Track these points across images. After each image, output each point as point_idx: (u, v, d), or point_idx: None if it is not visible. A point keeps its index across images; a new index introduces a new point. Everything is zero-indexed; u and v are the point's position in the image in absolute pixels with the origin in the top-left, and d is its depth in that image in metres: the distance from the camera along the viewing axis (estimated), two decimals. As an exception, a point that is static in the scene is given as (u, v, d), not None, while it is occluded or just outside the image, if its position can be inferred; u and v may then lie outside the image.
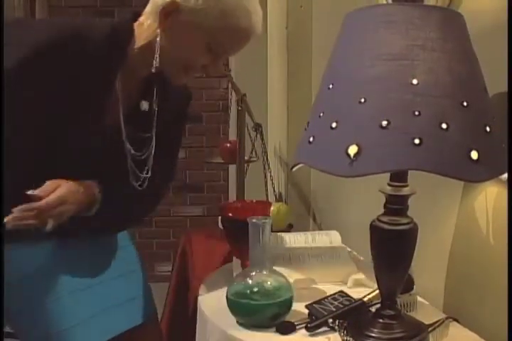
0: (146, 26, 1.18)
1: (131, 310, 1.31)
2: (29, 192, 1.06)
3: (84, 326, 1.22)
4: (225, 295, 1.10)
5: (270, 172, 2.12)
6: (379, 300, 1.01)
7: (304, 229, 1.96)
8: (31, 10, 3.40)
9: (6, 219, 1.03)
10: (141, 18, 1.19)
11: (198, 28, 1.15)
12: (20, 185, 1.05)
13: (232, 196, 3.13)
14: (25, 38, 1.11)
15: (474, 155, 0.81)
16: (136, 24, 1.20)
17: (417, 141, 0.80)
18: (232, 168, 2.94)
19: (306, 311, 1.11)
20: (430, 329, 1.01)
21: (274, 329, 1.05)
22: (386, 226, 0.93)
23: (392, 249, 0.94)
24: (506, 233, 0.95)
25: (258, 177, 2.25)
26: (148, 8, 1.19)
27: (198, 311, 1.23)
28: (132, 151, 1.24)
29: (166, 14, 1.15)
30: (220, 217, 1.49)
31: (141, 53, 1.18)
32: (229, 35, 1.18)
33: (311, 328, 1.04)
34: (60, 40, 1.11)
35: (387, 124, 0.81)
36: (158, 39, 1.15)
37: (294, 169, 0.99)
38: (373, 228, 0.95)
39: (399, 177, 0.92)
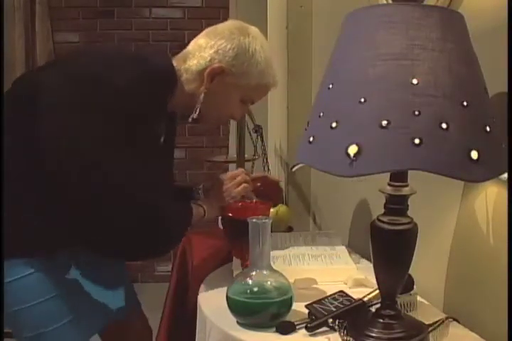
0: (187, 81, 1.30)
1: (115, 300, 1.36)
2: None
3: (74, 323, 1.26)
4: (225, 295, 1.10)
5: (270, 174, 2.12)
6: (379, 300, 1.01)
7: (304, 229, 1.96)
8: (31, 10, 3.40)
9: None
10: (180, 71, 1.30)
11: (238, 87, 1.31)
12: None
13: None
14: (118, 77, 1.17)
15: (474, 155, 0.81)
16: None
17: (417, 141, 0.80)
18: (232, 168, 2.94)
19: (306, 311, 1.11)
20: (430, 329, 1.01)
21: (274, 329, 1.05)
22: (386, 226, 0.93)
23: (392, 249, 0.94)
24: (506, 233, 0.95)
25: (258, 177, 2.25)
26: (193, 67, 1.30)
27: (198, 311, 1.23)
28: None
29: (212, 77, 1.28)
30: (220, 217, 1.49)
31: (178, 100, 1.30)
32: (260, 90, 1.36)
33: (311, 328, 1.04)
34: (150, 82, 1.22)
35: (387, 124, 0.81)
36: (201, 97, 1.30)
37: (294, 169, 0.99)
38: (373, 228, 0.95)
39: (399, 177, 0.92)
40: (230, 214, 1.38)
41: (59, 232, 1.18)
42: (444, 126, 0.81)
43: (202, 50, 1.29)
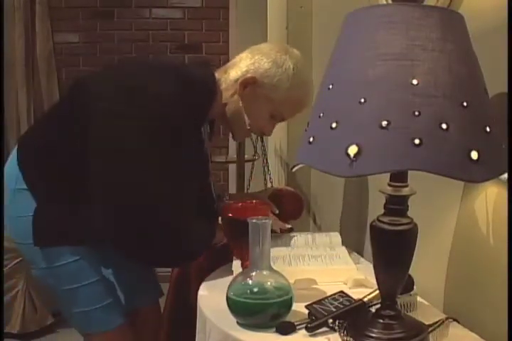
0: (224, 90, 1.39)
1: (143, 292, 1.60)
2: None
3: (113, 305, 1.41)
4: (225, 295, 1.10)
5: (270, 174, 2.13)
6: (379, 301, 1.01)
7: (304, 230, 1.96)
8: (31, 10, 3.40)
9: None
10: (221, 80, 1.40)
11: (268, 100, 1.38)
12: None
13: (232, 196, 3.12)
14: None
15: (474, 155, 0.81)
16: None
17: (417, 141, 0.80)
18: (233, 168, 2.94)
19: (306, 311, 1.11)
20: (430, 329, 1.00)
21: (274, 329, 1.05)
22: (386, 227, 0.93)
23: (392, 249, 0.94)
24: (506, 233, 0.95)
25: (258, 177, 2.25)
26: (231, 77, 1.39)
27: (198, 311, 1.23)
28: None
29: (245, 85, 1.37)
30: (220, 217, 1.49)
31: (216, 109, 1.38)
32: (291, 107, 1.42)
33: (311, 328, 1.04)
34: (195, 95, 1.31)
35: (387, 124, 0.81)
36: (241, 104, 1.38)
37: (294, 169, 0.99)
38: (373, 228, 0.95)
39: (399, 177, 0.92)
40: (230, 214, 1.38)
41: (93, 229, 1.28)
42: (444, 126, 0.81)
43: (241, 62, 1.40)
